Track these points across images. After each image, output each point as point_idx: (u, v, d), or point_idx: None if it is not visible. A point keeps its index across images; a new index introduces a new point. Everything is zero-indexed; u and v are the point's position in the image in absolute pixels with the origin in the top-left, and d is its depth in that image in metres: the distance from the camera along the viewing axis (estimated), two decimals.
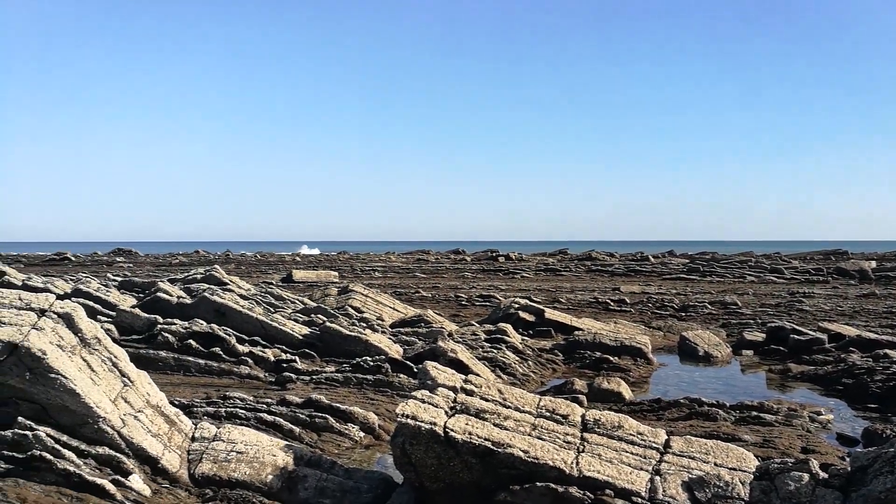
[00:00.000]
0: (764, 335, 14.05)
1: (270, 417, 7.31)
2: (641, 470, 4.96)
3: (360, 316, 14.51)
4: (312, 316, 13.07)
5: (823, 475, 4.48)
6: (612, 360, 11.80)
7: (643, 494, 4.75)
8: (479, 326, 14.32)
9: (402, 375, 9.66)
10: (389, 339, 11.50)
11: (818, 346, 12.78)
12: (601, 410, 5.78)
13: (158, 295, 12.78)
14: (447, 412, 5.25)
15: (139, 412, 5.53)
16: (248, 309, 11.80)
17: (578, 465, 4.92)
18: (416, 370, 9.13)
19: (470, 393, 5.54)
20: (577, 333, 13.49)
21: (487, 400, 5.48)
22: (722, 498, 4.64)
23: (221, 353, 10.28)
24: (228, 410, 7.52)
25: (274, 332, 11.28)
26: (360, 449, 7.28)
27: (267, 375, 9.96)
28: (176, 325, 10.83)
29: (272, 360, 10.32)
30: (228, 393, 8.22)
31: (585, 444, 5.16)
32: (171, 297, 12.78)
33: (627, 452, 5.12)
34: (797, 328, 13.86)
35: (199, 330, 10.66)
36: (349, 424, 7.53)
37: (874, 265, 31.57)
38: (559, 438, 5.17)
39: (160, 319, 11.14)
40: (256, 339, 10.96)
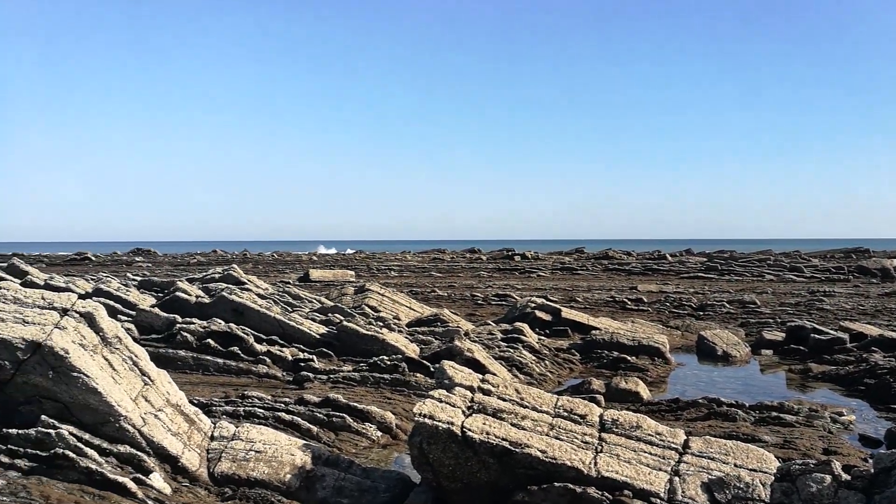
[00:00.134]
0: (783, 334, 13.92)
1: (288, 416, 7.34)
2: (660, 470, 4.93)
3: (376, 315, 14.54)
4: (329, 315, 13.11)
5: (846, 477, 4.43)
6: (629, 359, 11.74)
7: (662, 495, 4.72)
8: (495, 326, 14.30)
9: (419, 375, 9.68)
10: (406, 338, 11.52)
11: (839, 345, 12.64)
12: (619, 410, 5.76)
13: (177, 294, 12.91)
14: (464, 412, 5.25)
15: (159, 411, 5.59)
16: (265, 308, 11.88)
17: (597, 465, 4.90)
18: (433, 369, 9.13)
19: (487, 392, 5.54)
20: (594, 333, 13.44)
21: (505, 399, 5.47)
22: (742, 499, 4.60)
23: (239, 352, 10.35)
24: (247, 409, 7.57)
25: (291, 331, 11.34)
26: (377, 448, 7.30)
27: (285, 374, 10.02)
28: (195, 324, 10.92)
29: (290, 359, 10.38)
30: (247, 392, 8.27)
31: (603, 444, 5.14)
32: (189, 296, 12.90)
33: (646, 453, 5.09)
34: (818, 327, 13.72)
35: (217, 329, 10.74)
36: (367, 424, 7.55)
37: None
38: (577, 438, 5.15)
39: (179, 319, 11.25)
40: (274, 338, 11.02)
